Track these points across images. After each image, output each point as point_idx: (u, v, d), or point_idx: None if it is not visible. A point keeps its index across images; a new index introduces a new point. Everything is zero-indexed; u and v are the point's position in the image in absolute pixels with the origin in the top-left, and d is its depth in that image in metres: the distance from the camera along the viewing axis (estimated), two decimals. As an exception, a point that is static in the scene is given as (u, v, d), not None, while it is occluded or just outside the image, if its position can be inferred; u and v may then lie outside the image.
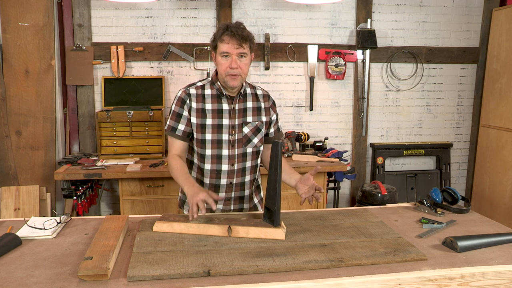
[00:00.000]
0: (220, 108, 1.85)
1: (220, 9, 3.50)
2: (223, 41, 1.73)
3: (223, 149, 1.85)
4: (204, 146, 1.85)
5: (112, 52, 3.43)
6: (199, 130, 1.84)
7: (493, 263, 1.39)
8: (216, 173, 1.87)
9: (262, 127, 1.92)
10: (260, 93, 1.95)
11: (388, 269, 1.33)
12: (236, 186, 1.92)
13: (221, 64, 1.76)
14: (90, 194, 3.22)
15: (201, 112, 1.84)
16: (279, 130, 2.04)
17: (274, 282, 1.24)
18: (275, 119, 2.00)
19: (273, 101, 1.99)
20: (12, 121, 3.27)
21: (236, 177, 1.90)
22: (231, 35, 1.71)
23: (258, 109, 1.92)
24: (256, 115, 1.91)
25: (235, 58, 1.74)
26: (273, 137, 1.99)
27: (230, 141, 1.85)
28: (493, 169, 3.74)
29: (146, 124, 3.28)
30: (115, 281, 1.25)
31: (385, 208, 2.01)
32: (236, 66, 1.74)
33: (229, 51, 1.73)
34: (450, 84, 3.98)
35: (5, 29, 3.20)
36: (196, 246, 1.47)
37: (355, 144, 3.91)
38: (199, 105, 1.84)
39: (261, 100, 1.94)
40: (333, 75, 3.72)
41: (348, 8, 3.71)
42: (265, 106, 1.94)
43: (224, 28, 1.74)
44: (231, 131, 1.85)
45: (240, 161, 1.89)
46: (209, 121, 1.84)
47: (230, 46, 1.72)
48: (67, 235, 1.60)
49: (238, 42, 1.72)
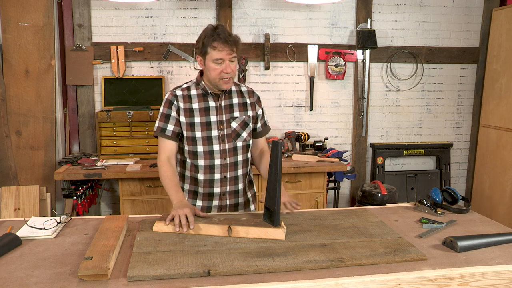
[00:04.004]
0: (207, 106, 1.91)
1: (220, 9, 3.50)
2: (215, 48, 1.76)
3: (213, 144, 1.91)
4: (195, 144, 1.91)
5: (112, 52, 3.43)
6: (188, 129, 1.89)
7: (493, 263, 1.39)
8: (209, 168, 1.92)
9: (249, 121, 1.98)
10: (244, 90, 2.01)
11: (388, 269, 1.33)
12: (230, 180, 1.96)
13: (213, 70, 1.80)
14: (90, 194, 3.22)
15: (189, 111, 1.89)
16: (265, 124, 2.08)
17: (274, 282, 1.24)
18: (261, 113, 2.04)
19: (258, 97, 2.04)
20: (12, 121, 3.27)
21: (229, 171, 1.95)
22: (224, 42, 1.75)
23: (244, 105, 1.97)
24: (243, 110, 1.96)
25: (228, 64, 1.79)
26: (260, 132, 2.05)
27: (220, 136, 1.91)
28: (493, 169, 3.74)
29: (146, 124, 3.28)
30: (115, 281, 1.25)
31: (385, 208, 2.01)
32: (229, 71, 1.80)
33: (223, 58, 1.78)
34: (450, 84, 3.98)
35: (5, 29, 3.20)
36: (196, 246, 1.47)
37: (355, 144, 3.91)
38: (186, 105, 1.90)
39: (246, 96, 1.99)
40: (333, 75, 3.72)
41: (348, 8, 3.71)
42: (250, 102, 1.99)
43: (213, 34, 1.76)
44: (219, 127, 1.91)
45: (232, 155, 1.94)
46: (197, 119, 1.89)
47: (223, 53, 1.77)
48: (67, 235, 1.60)
49: (230, 48, 1.77)
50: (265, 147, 2.08)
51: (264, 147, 2.08)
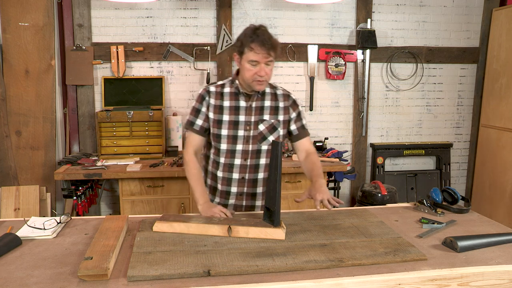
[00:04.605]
0: (237, 105, 1.90)
1: (220, 9, 3.50)
2: (252, 49, 1.74)
3: (237, 144, 1.91)
4: (219, 141, 1.91)
5: (112, 52, 3.43)
6: (215, 125, 1.90)
7: (493, 263, 1.39)
8: (229, 166, 1.93)
9: (278, 126, 1.93)
10: (280, 93, 1.96)
11: (388, 269, 1.33)
12: (248, 182, 1.96)
13: (248, 70, 1.78)
14: (90, 194, 3.22)
15: (219, 108, 1.90)
16: (303, 127, 1.99)
17: (274, 282, 1.24)
18: (295, 116, 1.97)
19: (293, 100, 1.98)
20: (12, 121, 3.27)
21: (248, 172, 1.95)
22: (261, 45, 1.73)
23: (276, 108, 1.93)
24: (273, 114, 1.93)
25: (263, 67, 1.77)
26: (297, 135, 1.98)
27: (245, 137, 1.91)
28: (493, 169, 3.74)
29: (146, 124, 3.28)
30: (115, 281, 1.25)
31: (385, 208, 2.01)
32: (264, 74, 1.78)
33: (258, 60, 1.75)
34: (450, 84, 3.98)
35: (5, 29, 3.20)
36: (196, 246, 1.47)
37: (355, 144, 3.91)
38: (217, 102, 1.90)
39: (281, 99, 1.95)
40: (333, 75, 3.72)
41: (348, 8, 3.71)
42: (283, 106, 1.95)
43: (253, 35, 1.74)
44: (246, 127, 1.90)
45: (254, 157, 1.93)
46: (226, 117, 1.89)
47: (260, 56, 1.75)
48: (67, 235, 1.60)
49: (267, 52, 1.74)
50: (310, 149, 2.00)
51: (309, 148, 1.99)
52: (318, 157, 1.97)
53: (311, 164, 1.90)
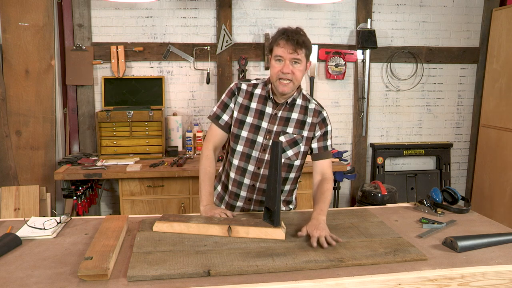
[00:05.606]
0: (263, 110, 1.82)
1: (220, 9, 3.50)
2: (278, 44, 1.70)
3: (254, 149, 1.83)
4: (237, 141, 1.85)
5: (112, 52, 3.43)
6: (236, 125, 1.84)
7: (493, 263, 1.39)
8: (241, 170, 1.87)
9: (301, 141, 1.83)
10: (311, 107, 1.85)
11: (388, 269, 1.33)
12: (258, 190, 1.89)
13: (273, 67, 1.72)
14: (90, 194, 3.22)
15: (245, 108, 1.83)
16: (326, 148, 1.86)
17: (274, 282, 1.24)
18: (320, 135, 1.85)
19: (323, 118, 1.85)
20: (12, 121, 3.27)
21: (260, 181, 1.87)
22: (287, 40, 1.68)
23: (302, 123, 1.83)
24: (298, 128, 1.83)
25: (287, 63, 1.69)
26: (317, 154, 1.86)
27: (263, 145, 1.83)
28: (493, 169, 3.74)
29: (146, 124, 3.28)
30: (115, 281, 1.25)
31: (385, 208, 2.01)
32: (288, 71, 1.69)
33: (283, 56, 1.69)
34: (450, 84, 3.98)
35: (5, 29, 3.20)
36: (196, 246, 1.47)
37: (355, 144, 3.91)
38: (244, 101, 1.84)
39: (310, 114, 1.84)
40: (333, 75, 3.72)
41: (348, 8, 3.71)
42: (312, 121, 1.84)
43: (282, 32, 1.71)
44: (266, 135, 1.82)
45: (268, 167, 1.80)
46: (249, 119, 1.83)
47: (284, 50, 1.68)
48: (67, 235, 1.60)
49: (292, 48, 1.67)
50: (327, 174, 1.84)
51: (326, 173, 1.84)
52: (331, 186, 1.82)
53: (320, 194, 1.78)
